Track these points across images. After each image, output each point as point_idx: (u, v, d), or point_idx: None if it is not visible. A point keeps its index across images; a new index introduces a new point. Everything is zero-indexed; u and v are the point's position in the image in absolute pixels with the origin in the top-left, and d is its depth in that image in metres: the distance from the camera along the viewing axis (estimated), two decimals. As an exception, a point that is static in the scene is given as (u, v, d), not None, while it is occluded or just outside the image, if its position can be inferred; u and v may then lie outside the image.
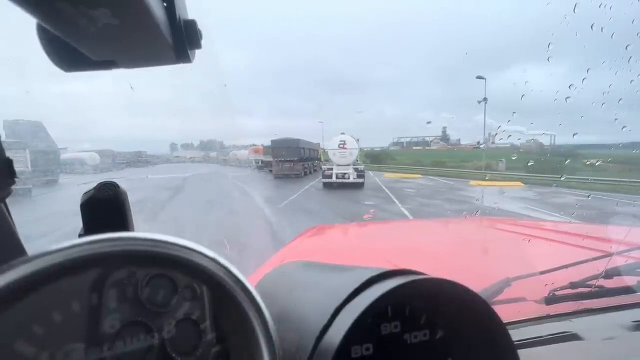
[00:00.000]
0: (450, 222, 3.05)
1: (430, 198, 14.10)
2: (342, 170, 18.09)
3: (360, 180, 17.84)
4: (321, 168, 31.26)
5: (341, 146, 19.46)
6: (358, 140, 20.23)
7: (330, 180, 18.00)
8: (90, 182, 0.48)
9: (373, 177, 23.16)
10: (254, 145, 35.89)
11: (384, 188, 17.31)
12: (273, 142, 25.73)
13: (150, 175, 25.82)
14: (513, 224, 2.12)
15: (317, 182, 20.27)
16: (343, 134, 20.05)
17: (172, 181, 20.95)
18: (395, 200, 12.84)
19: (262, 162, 31.85)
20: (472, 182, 18.82)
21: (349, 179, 17.82)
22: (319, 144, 32.11)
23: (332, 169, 18.35)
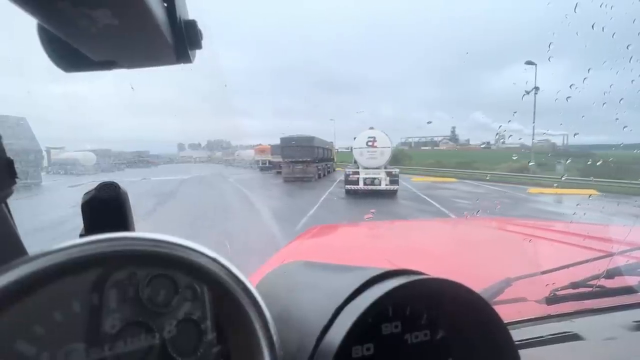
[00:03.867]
0: (450, 222, 3.05)
1: (499, 215, 8.98)
2: (370, 175, 14.22)
3: (394, 187, 14.04)
4: (334, 170, 27.35)
5: (370, 144, 15.08)
6: (387, 135, 15.86)
7: (355, 187, 14.14)
8: (80, 185, 0.46)
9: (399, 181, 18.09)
10: (260, 144, 33.95)
11: (425, 197, 13.61)
12: (282, 140, 22.24)
13: (147, 177, 23.41)
14: (513, 224, 2.12)
15: (335, 187, 17.09)
16: (372, 128, 15.68)
17: (166, 184, 18.64)
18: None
19: (269, 162, 29.22)
20: (532, 190, 14.70)
21: (379, 184, 14.00)
22: (332, 142, 29.25)
23: (357, 173, 14.34)
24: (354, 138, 16.07)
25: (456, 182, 20.21)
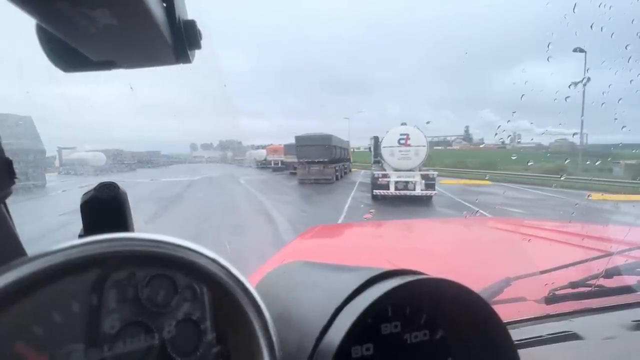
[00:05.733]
0: (450, 222, 3.05)
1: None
2: (403, 178, 12.31)
3: (431, 192, 12.15)
4: (350, 171, 25.04)
5: (402, 142, 13.00)
6: (422, 132, 13.53)
7: (384, 192, 12.25)
8: (85, 186, 0.45)
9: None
10: (271, 144, 32.80)
11: (467, 204, 11.39)
12: (298, 138, 20.45)
13: (155, 178, 22.06)
14: (513, 224, 2.13)
15: (357, 191, 15.25)
16: (404, 124, 13.48)
17: (173, 186, 17.25)
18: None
19: (282, 162, 28.11)
20: (594, 196, 11.92)
21: (413, 189, 12.10)
22: (348, 142, 27.82)
23: (387, 176, 12.40)
24: (373, 137, 14.50)
25: (491, 184, 18.01)
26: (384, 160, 13.27)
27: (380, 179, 12.41)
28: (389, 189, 12.26)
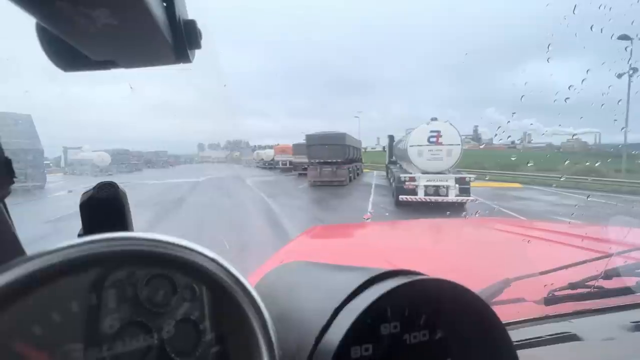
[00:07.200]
0: (450, 222, 3.05)
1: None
2: (433, 182, 10.60)
3: (466, 198, 10.34)
4: (362, 171, 23.64)
5: (433, 140, 11.16)
6: (456, 128, 11.47)
7: (412, 198, 10.53)
8: (84, 187, 0.45)
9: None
10: (278, 144, 32.30)
11: (512, 213, 9.29)
12: (309, 137, 18.99)
13: (158, 180, 21.35)
14: (512, 225, 2.13)
15: (375, 194, 13.78)
16: (435, 119, 11.63)
17: (174, 190, 16.33)
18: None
19: (290, 163, 27.29)
20: None
21: (445, 194, 10.40)
22: (360, 141, 26.80)
23: (414, 179, 10.68)
24: (388, 135, 13.38)
25: (523, 188, 16.56)
26: (411, 160, 11.55)
27: (407, 183, 10.71)
28: (416, 194, 10.55)
